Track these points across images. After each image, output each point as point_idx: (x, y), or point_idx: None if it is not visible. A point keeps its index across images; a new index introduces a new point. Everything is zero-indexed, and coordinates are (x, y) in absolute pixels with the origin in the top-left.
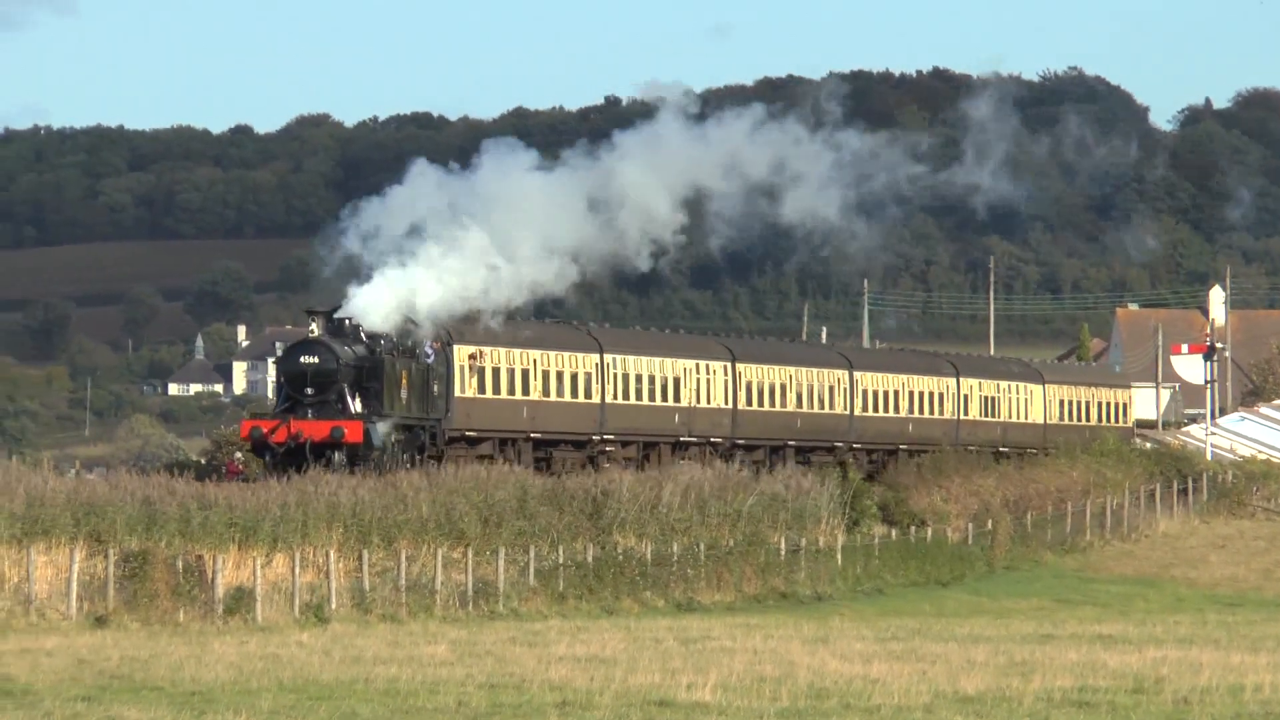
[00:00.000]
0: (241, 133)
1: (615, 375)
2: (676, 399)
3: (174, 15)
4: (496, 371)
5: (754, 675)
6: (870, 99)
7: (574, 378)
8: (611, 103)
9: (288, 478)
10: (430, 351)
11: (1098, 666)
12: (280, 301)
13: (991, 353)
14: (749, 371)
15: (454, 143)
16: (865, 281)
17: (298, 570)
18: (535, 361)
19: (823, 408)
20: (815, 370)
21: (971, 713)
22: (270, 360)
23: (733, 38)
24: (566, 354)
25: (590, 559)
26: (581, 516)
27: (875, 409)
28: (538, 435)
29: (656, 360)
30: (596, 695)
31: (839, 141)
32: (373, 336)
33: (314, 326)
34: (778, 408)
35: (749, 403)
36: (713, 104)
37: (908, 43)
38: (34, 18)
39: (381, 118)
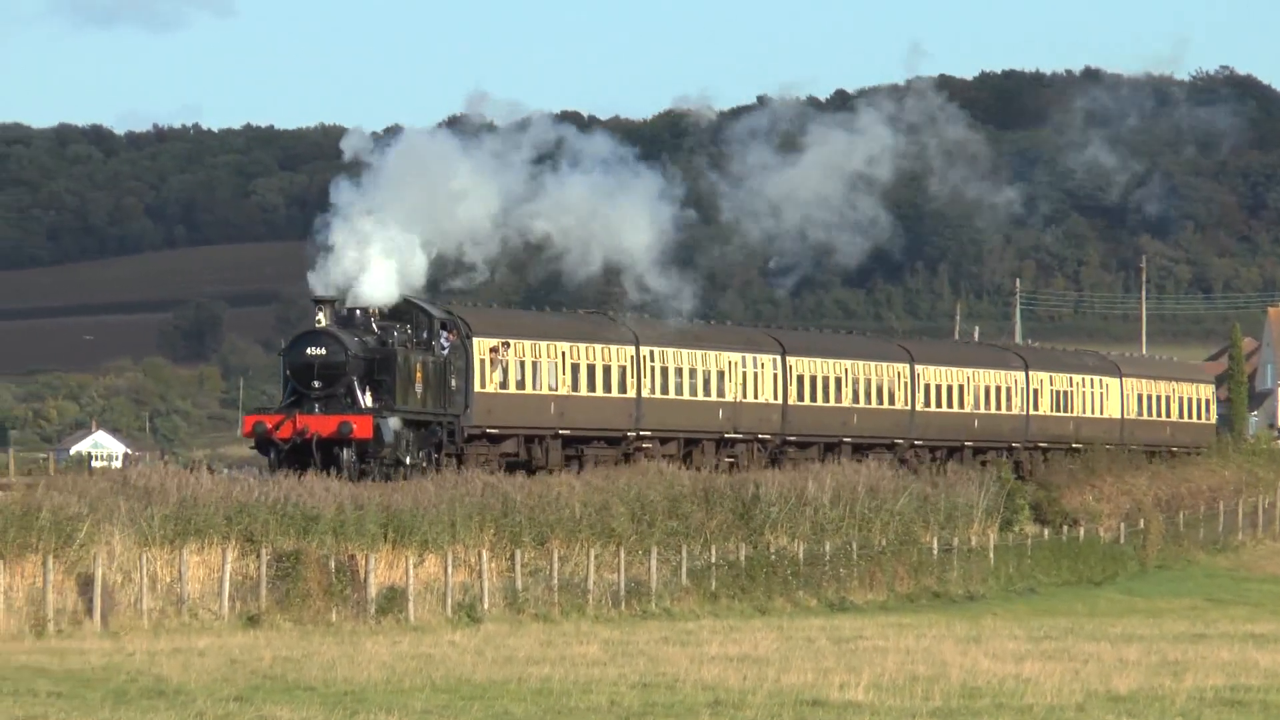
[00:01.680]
0: (392, 132)
1: (653, 369)
2: (720, 394)
3: (329, 14)
4: (521, 364)
5: (906, 675)
6: (1021, 99)
7: (607, 371)
8: (762, 102)
9: (293, 474)
10: (446, 343)
11: (1250, 665)
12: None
13: (1144, 353)
14: (800, 365)
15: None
16: (1017, 281)
17: (450, 570)
18: (564, 354)
19: (881, 403)
20: (873, 364)
21: (1124, 712)
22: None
23: (879, 37)
24: (599, 346)
25: (742, 558)
26: (733, 516)
27: (938, 404)
28: (567, 432)
29: (698, 353)
30: (749, 695)
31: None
32: (385, 327)
33: (321, 316)
34: (832, 403)
35: (800, 398)
36: (864, 102)
37: (1058, 42)
38: (192, 18)
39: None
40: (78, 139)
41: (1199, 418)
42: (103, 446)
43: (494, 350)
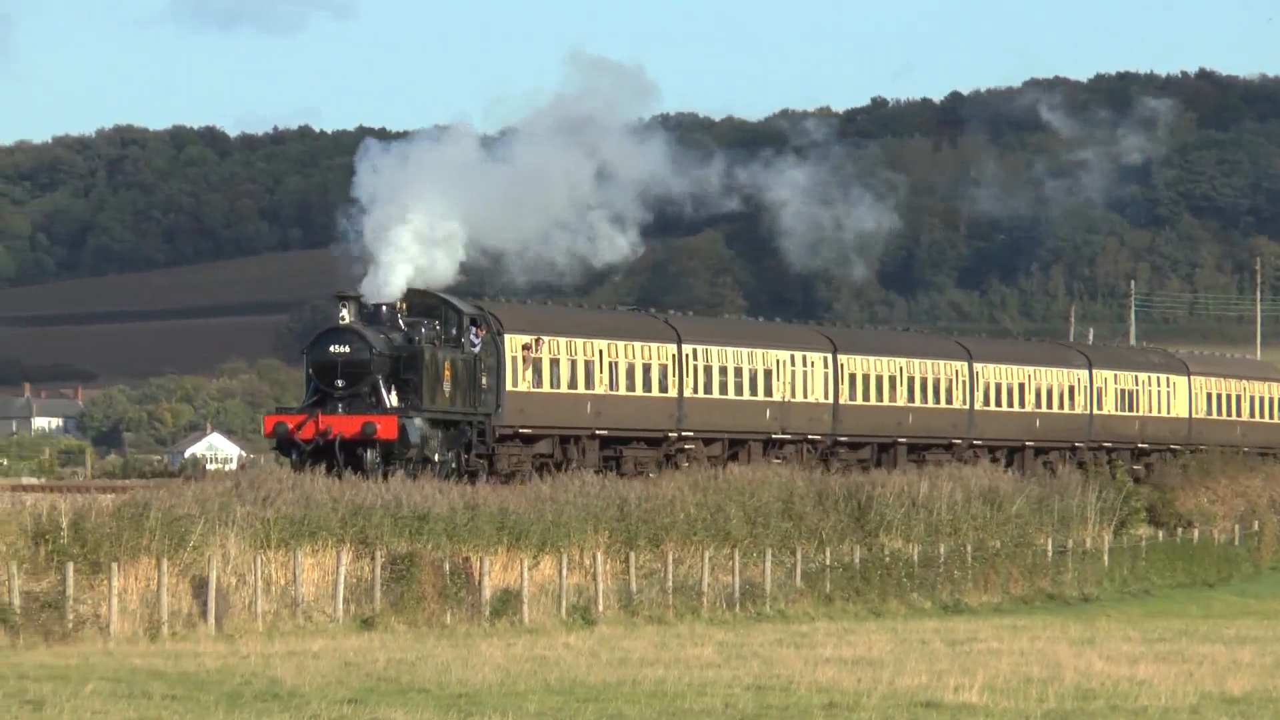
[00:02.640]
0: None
1: (696, 367)
2: (768, 393)
3: (449, 15)
4: (555, 363)
5: (1020, 676)
6: (1134, 100)
7: (647, 369)
8: (878, 104)
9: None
10: (476, 340)
11: None
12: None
13: (1258, 355)
14: (852, 363)
15: (721, 143)
16: (1132, 283)
17: (564, 572)
18: (601, 352)
19: (938, 402)
20: (930, 362)
21: (1237, 714)
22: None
23: (994, 42)
24: (638, 344)
25: (857, 560)
26: (847, 518)
27: (998, 403)
28: (604, 432)
29: (744, 351)
30: (863, 697)
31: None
32: (412, 324)
33: (344, 313)
34: (886, 402)
35: (853, 397)
36: (977, 105)
37: (1175, 43)
38: (311, 20)
39: (646, 118)
40: (193, 141)
41: (1273, 417)
42: (217, 449)
43: (526, 348)
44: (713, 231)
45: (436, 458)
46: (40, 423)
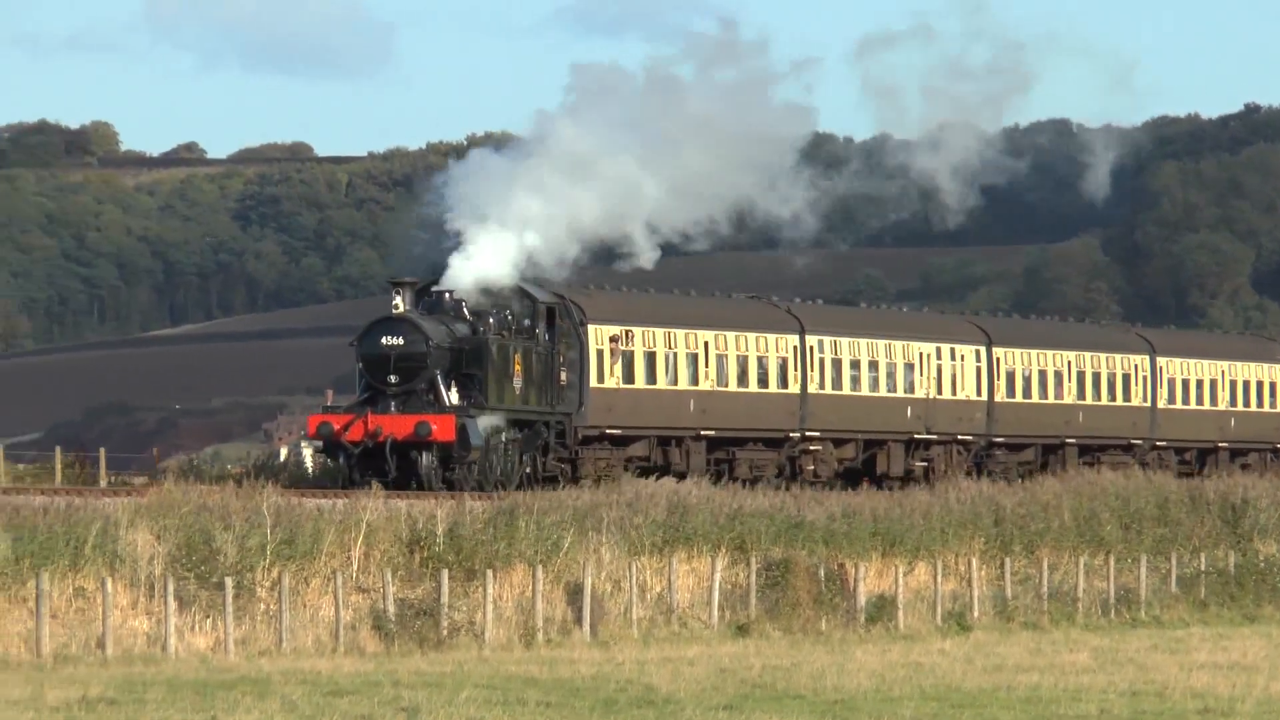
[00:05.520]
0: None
1: (822, 360)
2: (909, 390)
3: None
4: (650, 356)
5: None
6: None
7: (763, 363)
8: (1250, 110)
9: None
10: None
11: None
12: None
13: None
14: (1010, 357)
15: (1066, 153)
16: None
17: (939, 578)
18: (707, 344)
19: (1114, 399)
20: (1104, 355)
21: None
22: None
23: None
24: (752, 335)
25: (1231, 566)
26: (1221, 523)
27: (1185, 401)
28: (712, 432)
29: (880, 343)
30: (1238, 702)
31: None
32: (479, 313)
33: (399, 301)
34: (1051, 399)
35: (1010, 394)
36: None
37: None
38: (696, 29)
39: (1023, 125)
40: None
41: None
42: None
43: (614, 340)
44: (1088, 237)
45: (505, 451)
46: None
